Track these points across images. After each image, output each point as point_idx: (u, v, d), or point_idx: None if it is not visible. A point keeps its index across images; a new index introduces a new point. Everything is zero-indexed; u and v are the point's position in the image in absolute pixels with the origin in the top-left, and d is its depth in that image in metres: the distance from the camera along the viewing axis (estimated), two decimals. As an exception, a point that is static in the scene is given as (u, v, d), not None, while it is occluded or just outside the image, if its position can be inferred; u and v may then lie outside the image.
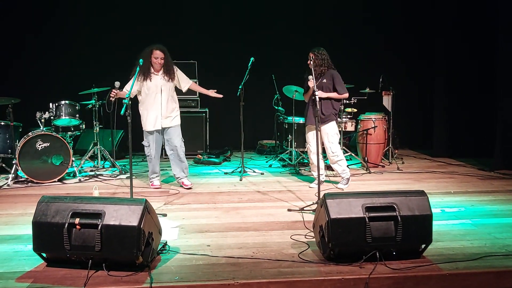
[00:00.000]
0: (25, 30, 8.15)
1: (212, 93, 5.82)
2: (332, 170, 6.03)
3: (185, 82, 5.76)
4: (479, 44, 7.44)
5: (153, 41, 5.54)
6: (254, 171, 6.78)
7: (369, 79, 7.43)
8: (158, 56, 5.42)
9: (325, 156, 6.10)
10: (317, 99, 4.82)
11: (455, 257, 3.40)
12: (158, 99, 5.48)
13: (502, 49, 6.73)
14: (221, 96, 5.84)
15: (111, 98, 5.27)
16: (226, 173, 6.80)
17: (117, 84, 4.93)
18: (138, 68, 4.98)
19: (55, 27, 8.23)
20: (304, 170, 6.84)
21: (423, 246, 3.42)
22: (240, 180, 6.27)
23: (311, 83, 5.16)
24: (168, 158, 5.81)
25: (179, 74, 5.70)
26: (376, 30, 8.78)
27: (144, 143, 5.68)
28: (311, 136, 5.63)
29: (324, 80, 5.50)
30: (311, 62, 5.23)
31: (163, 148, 5.94)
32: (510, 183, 6.03)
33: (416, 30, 8.77)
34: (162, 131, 5.61)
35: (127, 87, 5.39)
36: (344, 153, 7.31)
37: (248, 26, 8.63)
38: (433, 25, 8.17)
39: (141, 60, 4.94)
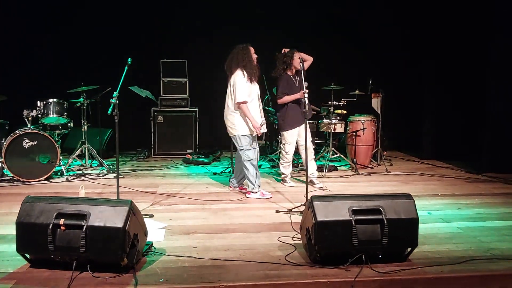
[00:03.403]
0: (13, 27, 8.05)
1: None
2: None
3: None
4: (469, 48, 7.47)
5: (143, 39, 5.47)
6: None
7: (358, 81, 7.45)
8: (254, 51, 5.30)
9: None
10: (306, 100, 4.85)
11: (440, 261, 3.42)
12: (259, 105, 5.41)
13: (492, 54, 6.78)
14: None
15: None
16: (215, 174, 6.78)
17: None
18: (126, 67, 4.91)
19: (43, 24, 8.14)
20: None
21: (409, 249, 3.43)
22: (229, 180, 6.24)
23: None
24: (159, 157, 5.75)
25: None
26: (365, 32, 8.79)
27: (248, 146, 5.36)
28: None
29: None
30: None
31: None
32: (497, 186, 6.09)
33: (405, 33, 8.79)
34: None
35: None
36: (333, 155, 7.37)
37: (239, 26, 8.59)
38: (423, 27, 8.19)
39: (129, 59, 4.83)
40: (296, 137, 5.82)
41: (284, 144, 5.92)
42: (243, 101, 5.16)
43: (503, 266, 3.37)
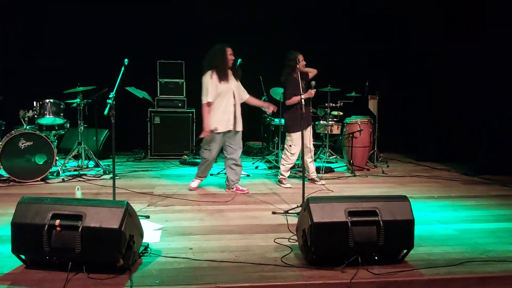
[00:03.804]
0: (10, 27, 8.04)
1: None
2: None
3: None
4: (466, 50, 7.49)
5: (140, 39, 5.47)
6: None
7: (355, 83, 7.46)
8: (231, 52, 5.44)
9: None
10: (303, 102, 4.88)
11: (436, 263, 3.42)
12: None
13: (489, 56, 6.81)
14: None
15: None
16: (211, 175, 6.76)
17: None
18: (123, 68, 4.90)
19: (41, 24, 8.13)
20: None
21: (404, 251, 3.44)
22: (226, 182, 6.24)
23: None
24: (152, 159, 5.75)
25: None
26: (362, 34, 8.81)
27: (206, 146, 5.59)
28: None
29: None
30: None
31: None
32: (493, 188, 6.10)
33: (401, 35, 8.81)
34: (228, 133, 5.54)
35: None
36: (329, 156, 7.38)
37: (236, 27, 8.60)
38: (418, 29, 8.22)
39: (126, 60, 4.84)
40: (301, 138, 5.78)
41: (290, 145, 5.89)
42: (205, 103, 5.37)
43: (499, 268, 3.38)
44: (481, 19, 7.04)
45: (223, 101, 5.42)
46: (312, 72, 5.99)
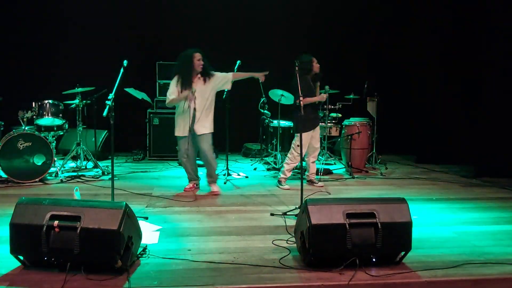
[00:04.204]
0: (8, 28, 8.04)
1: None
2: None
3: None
4: (466, 51, 7.51)
5: (139, 41, 5.48)
6: (238, 174, 6.77)
7: (354, 85, 7.47)
8: (200, 57, 5.42)
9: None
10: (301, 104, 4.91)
11: (434, 265, 3.43)
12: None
13: (488, 61, 6.83)
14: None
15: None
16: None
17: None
18: (122, 69, 4.90)
19: (39, 25, 8.13)
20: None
21: (402, 253, 3.44)
22: (225, 183, 6.25)
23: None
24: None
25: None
26: (361, 36, 8.83)
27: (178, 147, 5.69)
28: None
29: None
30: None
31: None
32: (492, 190, 6.11)
33: (401, 36, 8.83)
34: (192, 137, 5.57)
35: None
36: (328, 158, 7.38)
37: (235, 28, 8.62)
38: (419, 32, 8.23)
39: (125, 61, 4.82)
40: (309, 139, 5.86)
41: (298, 145, 5.87)
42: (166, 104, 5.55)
43: (497, 270, 3.38)
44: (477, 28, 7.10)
45: (182, 105, 5.44)
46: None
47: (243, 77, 5.80)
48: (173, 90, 5.39)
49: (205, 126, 5.49)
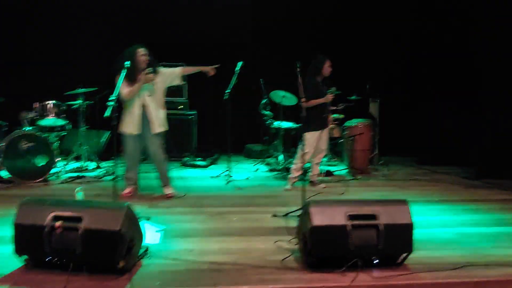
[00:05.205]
0: (11, 28, 8.06)
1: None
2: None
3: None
4: (467, 52, 7.50)
5: (141, 41, 5.48)
6: (240, 175, 6.78)
7: (356, 86, 7.47)
8: (143, 53, 5.21)
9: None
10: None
11: (436, 267, 3.42)
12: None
13: (488, 63, 6.83)
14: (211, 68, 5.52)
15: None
16: (212, 177, 6.78)
17: None
18: (124, 70, 4.89)
19: (42, 26, 8.15)
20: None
21: (404, 254, 3.44)
22: (226, 184, 6.26)
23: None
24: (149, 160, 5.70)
25: None
26: (363, 37, 8.82)
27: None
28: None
29: None
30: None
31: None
32: (494, 192, 6.10)
33: (404, 38, 8.83)
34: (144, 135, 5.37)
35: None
36: (330, 159, 7.38)
37: (236, 29, 8.63)
38: (420, 33, 8.23)
39: (127, 62, 4.79)
40: (316, 140, 5.87)
41: (304, 145, 5.85)
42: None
43: (499, 272, 3.38)
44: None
45: (131, 103, 5.22)
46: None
47: (192, 71, 5.66)
48: (123, 86, 5.04)
49: (158, 124, 5.28)
